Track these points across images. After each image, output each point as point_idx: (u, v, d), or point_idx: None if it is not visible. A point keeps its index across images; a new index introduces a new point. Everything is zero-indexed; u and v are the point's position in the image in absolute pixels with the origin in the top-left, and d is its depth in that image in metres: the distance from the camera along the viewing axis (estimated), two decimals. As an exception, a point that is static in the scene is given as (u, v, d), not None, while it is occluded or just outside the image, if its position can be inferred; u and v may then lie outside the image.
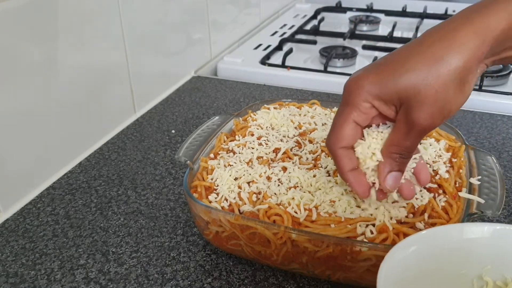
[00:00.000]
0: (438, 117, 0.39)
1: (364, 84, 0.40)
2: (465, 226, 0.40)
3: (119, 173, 0.69)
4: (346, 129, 0.42)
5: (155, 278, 0.51)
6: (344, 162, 0.43)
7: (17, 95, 0.60)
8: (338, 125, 0.42)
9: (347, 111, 0.41)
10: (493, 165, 0.53)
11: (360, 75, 0.41)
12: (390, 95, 0.39)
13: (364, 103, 0.41)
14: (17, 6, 0.58)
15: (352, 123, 0.42)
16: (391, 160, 0.43)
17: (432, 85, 0.37)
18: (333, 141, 0.43)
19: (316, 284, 0.50)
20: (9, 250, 0.55)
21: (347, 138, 0.43)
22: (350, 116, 0.41)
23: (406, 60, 0.38)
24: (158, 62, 0.90)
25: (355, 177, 0.44)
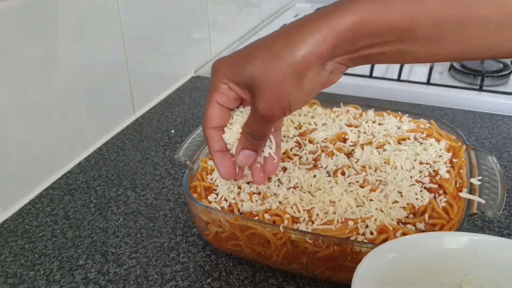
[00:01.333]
0: (276, 108, 0.40)
1: (221, 67, 0.43)
2: (444, 235, 0.40)
3: (118, 173, 0.69)
4: (211, 110, 0.45)
5: (155, 279, 0.51)
6: (212, 143, 0.46)
7: (16, 95, 0.60)
8: (206, 106, 0.45)
9: (211, 92, 0.44)
10: (493, 165, 0.53)
11: (221, 58, 0.43)
12: (240, 81, 0.42)
13: (222, 84, 0.43)
14: (17, 6, 0.58)
15: (216, 104, 0.44)
16: (244, 139, 0.46)
17: (270, 77, 0.39)
18: (203, 122, 0.46)
19: (316, 284, 0.50)
20: (8, 251, 0.55)
21: (213, 118, 0.45)
22: (213, 97, 0.44)
23: (255, 50, 0.40)
24: (158, 62, 0.90)
25: (220, 158, 0.47)
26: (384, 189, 0.50)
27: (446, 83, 0.93)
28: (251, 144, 0.45)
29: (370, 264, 0.36)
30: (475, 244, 0.39)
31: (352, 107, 0.68)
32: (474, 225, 0.58)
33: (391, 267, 0.37)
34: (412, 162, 0.54)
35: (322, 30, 0.37)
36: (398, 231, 0.44)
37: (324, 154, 0.56)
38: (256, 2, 1.28)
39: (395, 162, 0.53)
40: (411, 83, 0.93)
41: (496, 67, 0.96)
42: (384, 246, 0.37)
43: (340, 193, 0.49)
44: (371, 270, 0.35)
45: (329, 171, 0.54)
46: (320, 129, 0.62)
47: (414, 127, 0.61)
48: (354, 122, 0.63)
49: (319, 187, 0.51)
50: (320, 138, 0.60)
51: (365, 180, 0.51)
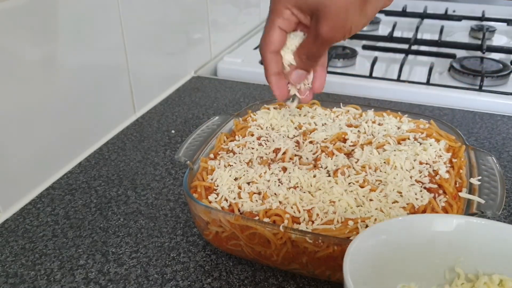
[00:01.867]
0: (338, 32, 0.44)
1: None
2: (435, 218, 0.40)
3: (118, 173, 0.69)
4: (273, 34, 0.47)
5: (155, 279, 0.51)
6: (271, 66, 0.49)
7: (16, 95, 0.60)
8: (266, 31, 0.48)
9: (272, 17, 0.47)
10: (493, 165, 0.53)
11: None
12: (305, 6, 0.44)
13: (285, 10, 0.46)
14: (17, 6, 0.58)
15: (278, 29, 0.47)
16: (299, 60, 0.49)
17: (336, 3, 0.42)
18: (263, 46, 0.49)
19: (316, 284, 0.50)
20: (9, 251, 0.55)
21: (274, 42, 0.48)
22: (275, 22, 0.47)
23: None
24: (158, 62, 0.90)
25: (277, 80, 0.50)
26: (384, 189, 0.50)
27: (446, 84, 0.93)
28: (304, 64, 0.50)
29: (361, 245, 0.36)
30: (466, 227, 0.39)
31: (352, 107, 0.68)
32: (474, 225, 0.58)
33: (382, 248, 0.37)
34: (412, 162, 0.54)
35: None
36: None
37: (324, 154, 0.56)
38: (256, 2, 1.28)
39: (395, 162, 0.54)
40: (411, 83, 0.93)
41: (496, 67, 0.96)
42: (375, 228, 0.38)
43: (340, 193, 0.49)
44: (362, 251, 0.36)
45: (329, 171, 0.54)
46: (320, 129, 0.62)
47: (414, 127, 0.61)
48: (354, 122, 0.63)
49: (319, 187, 0.51)
50: (320, 138, 0.60)
51: (365, 180, 0.51)
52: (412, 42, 1.11)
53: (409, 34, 1.20)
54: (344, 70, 1.01)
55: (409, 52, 1.05)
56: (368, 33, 1.26)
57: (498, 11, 1.35)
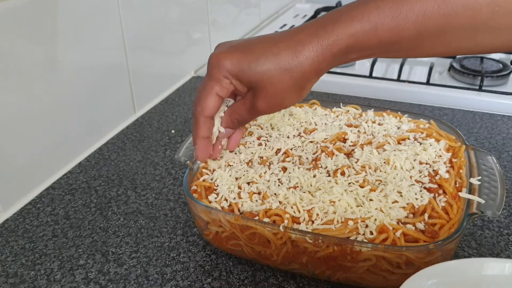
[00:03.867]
0: (273, 108, 0.48)
1: (226, 63, 0.47)
2: (484, 262, 0.40)
3: (118, 173, 0.69)
4: (210, 100, 0.49)
5: (155, 279, 0.51)
6: (202, 130, 0.51)
7: (16, 95, 0.60)
8: (203, 96, 0.49)
9: (211, 84, 0.48)
10: (493, 165, 0.53)
11: (224, 52, 0.47)
12: (245, 79, 0.46)
13: (225, 79, 0.47)
14: (17, 6, 0.58)
15: (215, 96, 0.49)
16: (230, 121, 0.52)
17: (276, 85, 0.45)
18: (199, 110, 0.50)
19: (316, 284, 0.50)
20: (9, 250, 0.55)
21: (211, 108, 0.49)
22: (213, 89, 0.48)
23: (262, 56, 0.45)
24: (158, 62, 0.90)
25: (204, 143, 0.52)
26: (384, 189, 0.50)
27: (446, 83, 0.93)
28: (234, 126, 0.53)
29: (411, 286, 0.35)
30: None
31: (352, 107, 0.68)
32: (474, 225, 0.58)
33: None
34: (411, 162, 0.54)
35: (321, 51, 0.44)
36: (398, 231, 0.44)
37: (324, 154, 0.56)
38: (256, 2, 1.28)
39: (395, 162, 0.54)
40: (411, 83, 0.93)
41: (496, 67, 0.96)
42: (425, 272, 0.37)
43: (340, 193, 0.49)
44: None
45: (329, 171, 0.54)
46: (320, 129, 0.62)
47: (413, 127, 0.61)
48: (354, 122, 0.63)
49: (319, 187, 0.51)
50: (320, 138, 0.60)
51: (365, 180, 0.51)
52: (412, 42, 1.11)
53: (409, 34, 1.20)
54: (344, 70, 1.01)
55: (409, 52, 1.05)
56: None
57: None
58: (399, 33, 0.42)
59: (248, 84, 0.47)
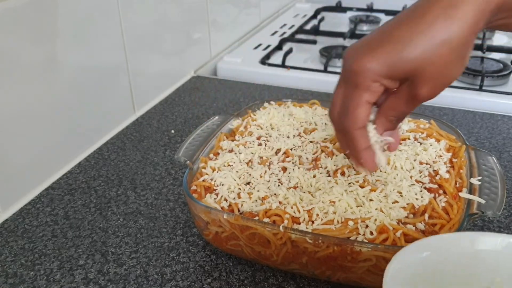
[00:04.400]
0: (438, 89, 0.42)
1: (372, 65, 0.41)
2: (477, 236, 0.39)
3: (118, 173, 0.69)
4: (360, 111, 0.43)
5: (155, 279, 0.51)
6: (361, 142, 0.45)
7: (16, 95, 0.60)
8: (352, 108, 0.43)
9: (358, 93, 0.42)
10: (493, 165, 0.53)
11: (364, 55, 0.41)
12: (398, 73, 0.41)
13: (374, 83, 0.42)
14: (17, 6, 0.58)
15: (366, 104, 0.43)
16: (387, 122, 0.46)
17: (436, 63, 0.40)
18: (349, 124, 0.44)
19: (316, 284, 0.50)
20: (8, 251, 0.55)
21: (363, 118, 0.44)
22: (362, 97, 0.42)
23: (410, 39, 0.40)
24: (158, 62, 0.90)
25: (369, 155, 0.46)
26: (384, 189, 0.50)
27: (446, 83, 0.92)
28: (393, 125, 0.46)
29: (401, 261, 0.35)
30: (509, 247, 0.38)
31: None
32: (474, 225, 0.58)
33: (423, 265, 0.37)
34: (412, 162, 0.54)
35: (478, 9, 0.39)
36: (398, 231, 0.44)
37: (324, 154, 0.56)
38: (256, 2, 1.28)
39: (395, 162, 0.53)
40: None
41: (496, 67, 0.96)
42: (417, 244, 0.37)
43: (340, 193, 0.49)
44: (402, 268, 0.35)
45: (329, 171, 0.54)
46: (320, 129, 0.62)
47: (414, 127, 0.61)
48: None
49: (319, 187, 0.51)
50: (320, 138, 0.60)
51: (365, 180, 0.51)
52: (412, 42, 1.11)
53: (409, 34, 1.20)
54: (344, 70, 1.01)
55: (409, 52, 1.05)
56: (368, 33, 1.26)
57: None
58: None
59: (403, 76, 0.41)
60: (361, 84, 0.42)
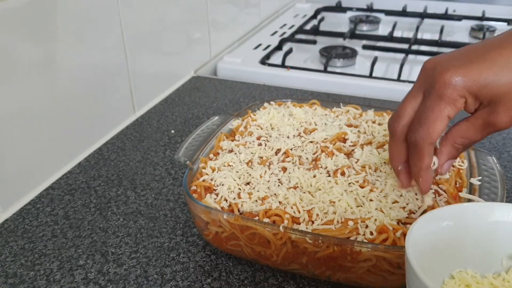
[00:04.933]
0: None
1: (465, 79, 0.40)
2: (496, 206, 0.39)
3: (118, 174, 0.69)
4: (439, 125, 0.41)
5: (155, 279, 0.51)
6: (427, 159, 0.43)
7: (16, 95, 0.60)
8: (432, 120, 0.41)
9: (442, 106, 0.41)
10: (493, 165, 0.53)
11: (457, 67, 0.40)
12: (486, 94, 0.40)
13: (461, 99, 0.40)
14: (17, 6, 0.58)
15: (446, 119, 0.41)
16: (453, 149, 0.44)
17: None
18: (424, 136, 0.42)
19: (316, 284, 0.50)
20: (8, 251, 0.55)
21: (439, 133, 0.42)
22: (445, 111, 0.41)
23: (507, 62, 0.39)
24: (158, 62, 0.90)
25: (428, 175, 0.44)
26: (384, 189, 0.50)
27: (446, 83, 0.92)
28: (458, 153, 0.45)
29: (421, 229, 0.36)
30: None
31: (352, 107, 0.68)
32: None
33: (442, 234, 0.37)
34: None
35: None
36: (398, 231, 0.44)
37: (324, 154, 0.56)
38: (256, 2, 1.28)
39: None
40: (411, 83, 0.93)
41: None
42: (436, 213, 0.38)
43: (340, 193, 0.49)
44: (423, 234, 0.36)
45: (329, 171, 0.54)
46: (320, 129, 0.62)
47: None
48: (354, 122, 0.63)
49: (319, 187, 0.51)
50: (320, 138, 0.60)
51: (365, 180, 0.51)
52: (412, 42, 1.11)
53: (409, 34, 1.20)
54: (344, 70, 1.01)
55: (409, 52, 1.05)
56: (368, 33, 1.26)
57: (498, 11, 1.35)
58: None
59: (488, 99, 0.40)
60: (448, 96, 0.40)
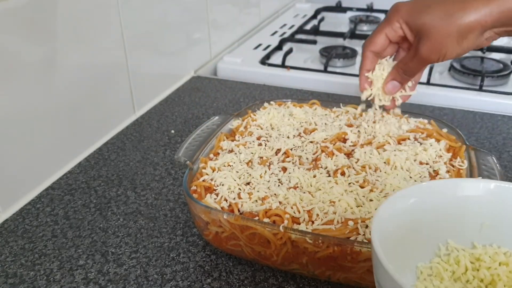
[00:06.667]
0: (434, 54, 0.52)
1: (401, 9, 0.54)
2: (460, 182, 0.41)
3: (118, 174, 0.69)
4: (378, 37, 0.56)
5: (155, 279, 0.51)
6: (366, 62, 0.58)
7: (16, 95, 0.60)
8: (374, 33, 0.57)
9: (383, 24, 0.56)
10: (493, 165, 0.53)
11: (406, 3, 0.54)
12: (413, 24, 0.53)
13: (396, 22, 0.54)
14: (17, 6, 0.58)
15: (384, 35, 0.56)
16: (396, 72, 0.58)
17: (439, 30, 0.50)
18: (367, 44, 0.58)
19: (316, 284, 0.50)
20: (8, 251, 0.55)
21: (377, 44, 0.57)
22: (384, 29, 0.55)
23: (433, 4, 0.51)
24: (158, 62, 0.90)
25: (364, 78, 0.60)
26: (384, 189, 0.50)
27: (446, 83, 0.93)
28: (401, 77, 0.58)
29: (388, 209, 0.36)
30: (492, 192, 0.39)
31: (352, 107, 0.68)
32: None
33: (410, 211, 0.38)
34: (412, 162, 0.54)
35: (492, 5, 0.48)
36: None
37: (324, 154, 0.56)
38: (256, 2, 1.28)
39: (395, 162, 0.53)
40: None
41: (496, 67, 0.96)
42: (404, 191, 0.38)
43: (340, 193, 0.49)
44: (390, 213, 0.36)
45: (329, 171, 0.54)
46: (320, 129, 0.62)
47: (414, 127, 0.61)
48: (354, 122, 0.63)
49: (319, 187, 0.51)
50: (320, 138, 0.60)
51: (365, 180, 0.51)
52: (412, 42, 1.11)
53: (409, 34, 1.20)
54: (344, 70, 1.01)
55: (409, 52, 1.05)
56: (368, 33, 1.26)
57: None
58: None
59: (416, 30, 0.52)
60: (388, 19, 0.55)
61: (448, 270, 0.37)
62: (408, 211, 0.38)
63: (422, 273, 0.37)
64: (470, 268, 0.37)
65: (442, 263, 0.38)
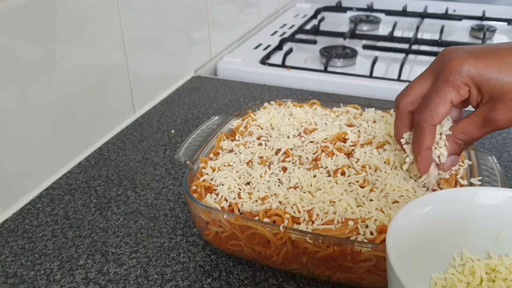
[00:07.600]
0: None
1: (471, 69, 0.42)
2: (478, 190, 0.40)
3: (118, 173, 0.69)
4: (442, 108, 0.44)
5: (155, 279, 0.51)
6: (428, 140, 0.46)
7: (16, 95, 0.60)
8: (436, 102, 0.44)
9: (447, 90, 0.43)
10: (493, 165, 0.53)
11: (468, 58, 0.43)
12: (488, 88, 0.42)
13: (464, 86, 0.43)
14: (17, 6, 0.58)
15: (449, 103, 0.44)
16: (455, 145, 0.47)
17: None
18: (427, 117, 0.45)
19: (316, 284, 0.50)
20: (8, 251, 0.55)
21: (441, 116, 0.45)
22: (448, 96, 0.44)
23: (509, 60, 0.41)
24: (158, 62, 0.90)
25: (427, 155, 0.47)
26: (384, 189, 0.50)
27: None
28: (460, 149, 0.47)
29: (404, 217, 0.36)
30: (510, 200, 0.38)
31: (352, 107, 0.68)
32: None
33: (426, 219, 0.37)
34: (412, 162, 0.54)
35: None
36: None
37: (324, 154, 0.56)
38: (256, 2, 1.28)
39: (395, 162, 0.53)
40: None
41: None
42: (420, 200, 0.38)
43: (340, 193, 0.49)
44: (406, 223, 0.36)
45: (329, 171, 0.54)
46: (320, 129, 0.62)
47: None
48: (354, 122, 0.63)
49: (319, 187, 0.51)
50: (320, 138, 0.60)
51: (365, 180, 0.51)
52: (413, 41, 1.11)
53: (410, 34, 1.20)
54: (344, 70, 1.01)
55: (410, 51, 1.05)
56: (368, 32, 1.26)
57: (499, 11, 1.35)
58: None
59: (489, 94, 0.43)
60: (453, 82, 0.43)
61: (463, 281, 0.36)
62: (423, 220, 0.37)
63: (436, 284, 0.37)
64: (486, 279, 0.36)
65: (456, 274, 0.37)
